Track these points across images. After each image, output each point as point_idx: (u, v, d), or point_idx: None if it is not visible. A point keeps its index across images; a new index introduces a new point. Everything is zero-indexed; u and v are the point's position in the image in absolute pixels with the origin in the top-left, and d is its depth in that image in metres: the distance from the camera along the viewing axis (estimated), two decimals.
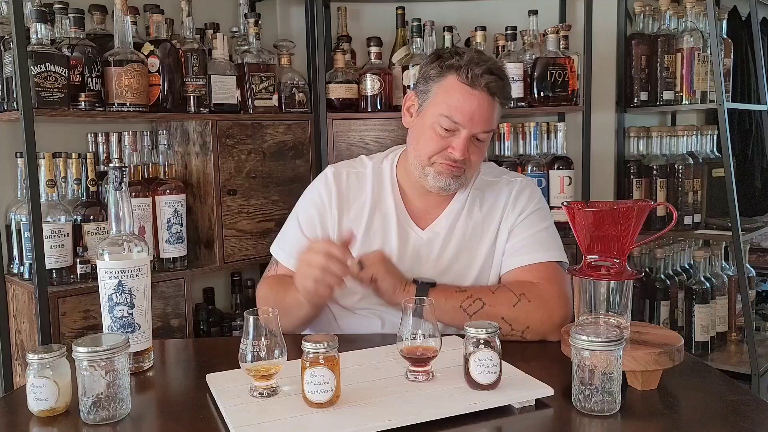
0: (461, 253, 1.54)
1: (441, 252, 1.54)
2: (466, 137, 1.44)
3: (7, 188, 2.03)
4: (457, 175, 1.48)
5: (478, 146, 1.48)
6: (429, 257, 1.53)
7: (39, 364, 1.08)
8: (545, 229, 1.55)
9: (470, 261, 1.54)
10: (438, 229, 1.55)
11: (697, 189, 2.52)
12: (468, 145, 1.45)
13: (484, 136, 1.47)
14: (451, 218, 1.55)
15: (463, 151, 1.44)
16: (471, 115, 1.43)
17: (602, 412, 1.04)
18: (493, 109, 1.46)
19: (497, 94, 1.45)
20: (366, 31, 2.61)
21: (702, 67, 2.45)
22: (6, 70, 1.85)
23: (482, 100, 1.43)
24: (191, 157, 2.22)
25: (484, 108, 1.43)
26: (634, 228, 1.15)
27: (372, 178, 1.60)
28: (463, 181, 1.52)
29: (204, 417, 1.08)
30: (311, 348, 1.03)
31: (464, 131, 1.44)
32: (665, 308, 2.51)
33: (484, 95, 1.43)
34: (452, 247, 1.54)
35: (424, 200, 1.57)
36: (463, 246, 1.54)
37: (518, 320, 1.40)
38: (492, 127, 1.48)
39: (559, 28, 2.43)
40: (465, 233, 1.55)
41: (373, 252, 1.47)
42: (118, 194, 1.23)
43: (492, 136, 1.57)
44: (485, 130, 1.46)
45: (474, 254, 1.54)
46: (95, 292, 1.63)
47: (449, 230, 1.55)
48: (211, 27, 2.31)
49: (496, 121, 1.49)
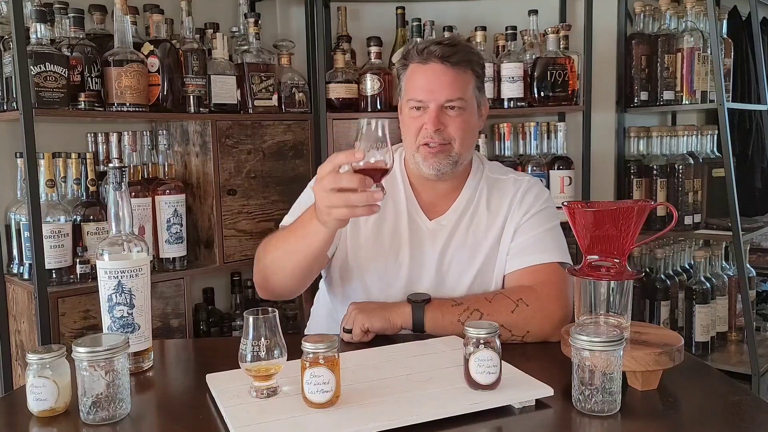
0: (464, 246, 1.55)
1: (446, 244, 1.55)
2: (434, 110, 1.46)
3: (7, 188, 2.03)
4: (441, 153, 1.48)
5: (453, 117, 1.48)
6: (434, 248, 1.55)
7: (39, 364, 1.07)
8: (549, 229, 1.55)
9: (473, 255, 1.54)
10: (444, 222, 1.57)
11: (697, 189, 2.52)
12: (440, 117, 1.47)
13: (455, 104, 1.47)
14: (458, 212, 1.57)
15: (434, 122, 1.46)
16: (429, 87, 1.47)
17: (602, 412, 1.03)
18: (452, 76, 1.47)
19: (450, 58, 1.46)
20: (366, 31, 2.61)
21: (702, 67, 2.44)
22: (6, 70, 1.85)
23: (437, 70, 1.47)
24: (191, 157, 2.22)
25: (440, 76, 1.46)
26: (634, 228, 1.15)
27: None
28: (456, 160, 1.50)
29: (204, 417, 1.08)
30: (311, 348, 1.03)
31: (431, 105, 1.47)
32: (665, 308, 2.51)
33: (437, 65, 1.47)
34: (456, 240, 1.55)
35: (432, 193, 1.59)
36: (466, 240, 1.55)
37: (517, 326, 1.40)
38: (458, 94, 1.47)
39: (559, 28, 2.43)
40: (470, 228, 1.56)
41: (347, 311, 1.44)
42: (117, 194, 1.23)
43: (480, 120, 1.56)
44: (450, 98, 1.46)
45: (477, 249, 1.55)
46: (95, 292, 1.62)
47: (455, 224, 1.56)
48: (211, 27, 2.32)
49: (465, 88, 1.48)
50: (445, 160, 1.49)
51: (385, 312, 1.41)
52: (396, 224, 1.55)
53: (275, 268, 1.45)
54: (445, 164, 1.49)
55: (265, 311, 1.10)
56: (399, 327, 1.41)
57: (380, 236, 1.55)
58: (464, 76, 1.49)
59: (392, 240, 1.54)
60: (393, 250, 1.54)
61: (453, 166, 1.51)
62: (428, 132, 1.47)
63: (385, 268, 1.54)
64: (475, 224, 1.56)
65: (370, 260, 1.54)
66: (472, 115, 1.52)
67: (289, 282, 1.46)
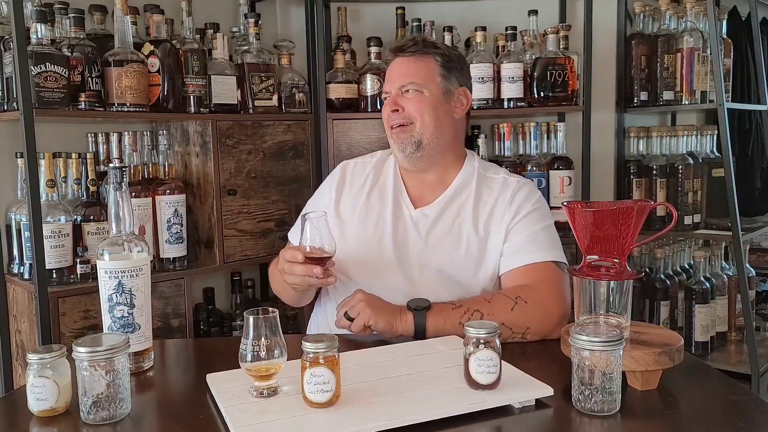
0: (447, 236, 1.59)
1: (429, 232, 1.60)
2: (393, 95, 1.63)
3: (7, 188, 2.03)
4: (403, 133, 1.61)
5: (410, 98, 1.60)
6: (418, 235, 1.60)
7: (39, 364, 1.08)
8: (543, 229, 1.56)
9: (456, 245, 1.57)
10: (428, 211, 1.62)
11: (697, 189, 2.52)
12: (397, 99, 1.61)
13: (410, 87, 1.60)
14: (442, 204, 1.63)
15: (391, 104, 1.61)
16: (390, 78, 1.65)
17: (602, 412, 1.04)
18: (409, 62, 1.62)
19: (409, 48, 1.62)
20: (366, 31, 2.61)
21: (702, 67, 2.45)
22: (6, 70, 1.85)
23: (399, 62, 1.64)
24: (191, 157, 2.22)
25: (399, 65, 1.64)
26: (634, 228, 1.15)
27: (376, 164, 1.73)
28: (419, 141, 1.60)
29: (204, 417, 1.08)
30: (311, 348, 1.03)
31: (393, 91, 1.63)
32: (665, 308, 2.51)
33: (398, 58, 1.65)
34: (439, 229, 1.60)
35: (419, 185, 1.67)
36: (449, 230, 1.59)
37: (517, 323, 1.41)
38: (413, 79, 1.60)
39: (559, 28, 2.43)
40: (454, 220, 1.60)
41: (354, 296, 1.45)
42: (118, 194, 1.23)
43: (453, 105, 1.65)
44: (404, 83, 1.60)
45: (459, 239, 1.58)
46: (95, 292, 1.63)
47: (438, 214, 1.61)
48: (211, 27, 2.32)
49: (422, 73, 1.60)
50: (408, 140, 1.60)
51: (390, 316, 1.42)
52: (381, 212, 1.63)
53: (282, 296, 1.68)
54: (408, 143, 1.61)
55: (266, 311, 1.10)
56: (399, 334, 1.42)
57: (366, 224, 1.62)
58: (422, 63, 1.61)
59: (376, 227, 1.61)
60: (377, 236, 1.60)
61: (417, 147, 1.60)
62: (390, 115, 1.62)
63: (369, 254, 1.58)
64: (461, 218, 1.60)
65: (358, 248, 1.59)
66: (435, 98, 1.61)
67: (294, 303, 1.71)
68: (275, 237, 2.31)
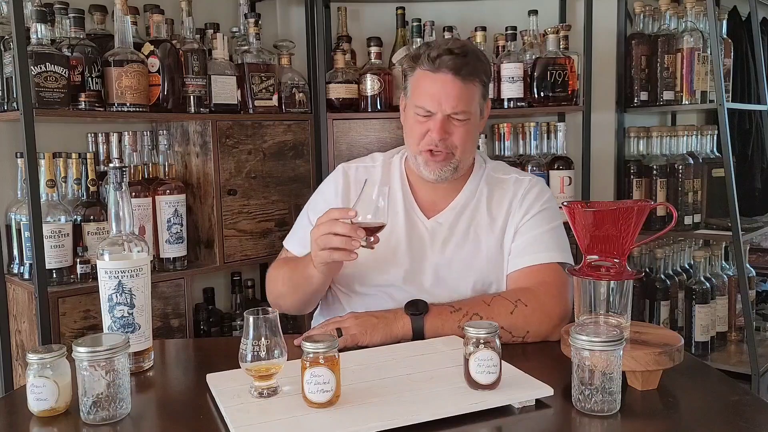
0: (464, 244, 1.55)
1: (445, 242, 1.56)
2: (440, 119, 1.48)
3: (7, 188, 2.03)
4: (443, 161, 1.51)
5: (458, 126, 1.50)
6: (434, 246, 1.56)
7: (39, 364, 1.08)
8: (550, 230, 1.55)
9: (475, 252, 1.55)
10: (442, 220, 1.58)
11: (697, 189, 2.52)
12: (445, 126, 1.48)
13: (461, 116, 1.49)
14: (456, 211, 1.58)
15: (440, 131, 1.48)
16: (438, 98, 1.48)
17: (602, 412, 1.04)
18: (461, 87, 1.47)
19: (461, 70, 1.47)
20: (366, 31, 2.61)
21: (702, 67, 2.45)
22: (6, 70, 1.85)
23: (446, 81, 1.47)
24: (191, 157, 2.22)
25: (449, 87, 1.47)
26: (634, 228, 1.15)
27: (381, 170, 1.65)
28: (456, 166, 1.53)
29: (204, 417, 1.08)
30: (311, 348, 1.03)
31: (438, 114, 1.48)
32: (665, 308, 2.51)
33: (447, 75, 1.47)
34: (456, 238, 1.56)
35: (431, 192, 1.61)
36: (466, 238, 1.56)
37: (517, 327, 1.40)
38: (465, 107, 1.48)
39: (559, 28, 2.43)
40: (470, 226, 1.57)
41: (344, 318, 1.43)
42: (118, 194, 1.23)
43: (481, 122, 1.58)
44: (456, 110, 1.48)
45: (478, 246, 1.55)
46: (95, 292, 1.63)
47: (453, 222, 1.57)
48: (211, 27, 2.32)
49: (471, 100, 1.50)
50: (447, 167, 1.52)
51: (386, 328, 1.40)
52: (393, 224, 1.55)
53: (284, 300, 1.56)
54: (446, 171, 1.53)
55: (266, 311, 1.10)
56: (399, 339, 1.40)
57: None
58: (472, 89, 1.50)
59: (389, 239, 1.53)
60: (390, 249, 1.54)
61: (453, 172, 1.54)
62: (433, 140, 1.49)
63: (383, 268, 1.54)
64: (476, 222, 1.57)
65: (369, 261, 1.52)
66: (474, 123, 1.53)
67: (298, 307, 1.60)
68: (275, 237, 2.31)
